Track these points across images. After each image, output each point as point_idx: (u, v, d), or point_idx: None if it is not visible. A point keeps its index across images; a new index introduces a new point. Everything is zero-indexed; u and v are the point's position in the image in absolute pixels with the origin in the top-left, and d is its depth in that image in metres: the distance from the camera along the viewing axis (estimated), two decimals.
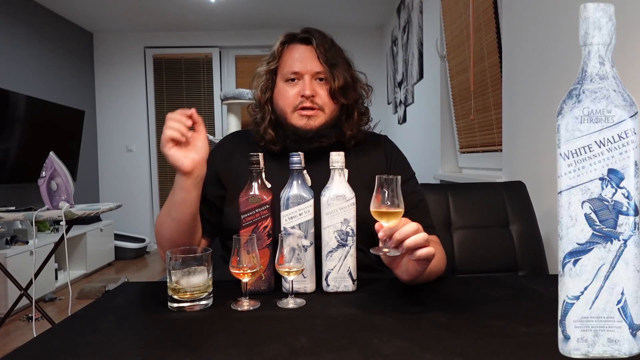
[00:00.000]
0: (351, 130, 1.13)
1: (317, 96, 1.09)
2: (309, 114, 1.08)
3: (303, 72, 1.09)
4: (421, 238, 0.81)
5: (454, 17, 2.76)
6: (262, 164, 0.95)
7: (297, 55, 1.10)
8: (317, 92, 1.09)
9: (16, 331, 2.96)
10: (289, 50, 1.12)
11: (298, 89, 1.09)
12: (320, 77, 1.10)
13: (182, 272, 0.85)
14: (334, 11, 4.78)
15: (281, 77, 1.12)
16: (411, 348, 0.65)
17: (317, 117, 1.09)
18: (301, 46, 1.11)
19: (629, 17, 1.17)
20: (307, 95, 1.07)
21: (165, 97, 5.57)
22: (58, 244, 2.73)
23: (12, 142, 3.76)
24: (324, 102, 1.09)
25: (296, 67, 1.09)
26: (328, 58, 1.09)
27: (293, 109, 1.09)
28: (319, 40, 1.10)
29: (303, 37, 1.12)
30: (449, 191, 1.46)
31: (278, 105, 1.12)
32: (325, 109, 1.10)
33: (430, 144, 3.27)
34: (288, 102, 1.09)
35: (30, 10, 4.33)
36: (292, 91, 1.09)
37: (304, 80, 1.08)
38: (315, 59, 1.09)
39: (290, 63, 1.10)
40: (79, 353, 0.67)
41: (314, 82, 1.09)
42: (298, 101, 1.09)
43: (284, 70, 1.11)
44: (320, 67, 1.09)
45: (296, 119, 1.09)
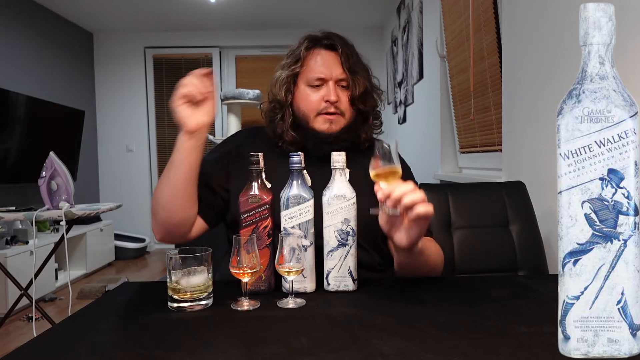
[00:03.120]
0: (366, 134, 1.16)
1: (339, 101, 1.11)
2: (331, 118, 1.10)
3: (328, 78, 1.10)
4: (418, 196, 0.84)
5: (454, 17, 2.76)
6: (262, 164, 0.95)
7: (322, 61, 1.11)
8: (340, 98, 1.11)
9: (16, 331, 2.96)
10: (313, 55, 1.13)
11: (322, 94, 1.10)
12: (342, 83, 1.12)
13: (182, 272, 0.85)
14: (334, 11, 4.78)
15: (304, 81, 1.12)
16: (411, 348, 0.65)
17: (339, 121, 1.11)
18: (325, 51, 1.13)
19: (629, 17, 1.17)
20: (332, 100, 1.09)
21: (165, 97, 5.56)
22: (58, 244, 2.73)
23: (12, 142, 3.76)
24: (345, 107, 1.12)
25: (321, 73, 1.10)
26: (351, 65, 1.11)
27: (317, 113, 1.11)
28: (342, 47, 1.12)
29: (327, 43, 1.13)
30: (449, 191, 1.46)
31: (300, 108, 1.13)
32: (346, 113, 1.12)
33: (430, 144, 3.27)
34: (312, 106, 1.11)
35: (30, 10, 4.33)
36: (315, 96, 1.11)
37: (329, 86, 1.10)
38: (339, 66, 1.11)
39: (315, 68, 1.11)
40: (79, 353, 0.67)
41: (337, 87, 1.11)
42: (322, 106, 1.10)
43: (309, 75, 1.12)
44: (343, 74, 1.11)
45: (319, 123, 1.11)
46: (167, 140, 5.56)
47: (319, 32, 1.16)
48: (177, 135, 1.03)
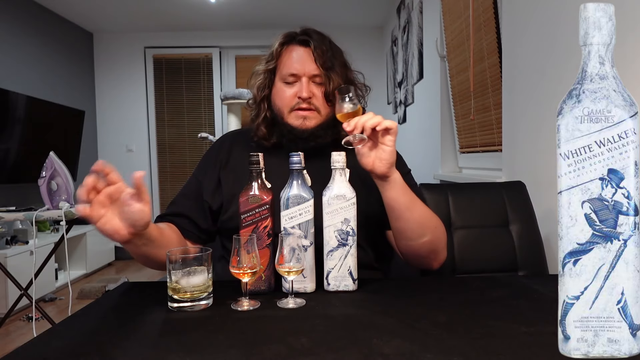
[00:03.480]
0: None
1: (313, 97, 1.11)
2: (304, 114, 1.11)
3: (300, 74, 1.10)
4: (378, 117, 0.96)
5: (454, 17, 2.76)
6: (262, 164, 0.95)
7: (295, 57, 1.12)
8: (314, 94, 1.11)
9: (16, 331, 2.97)
10: (287, 51, 1.13)
11: (295, 90, 1.11)
12: (317, 80, 1.11)
13: (182, 272, 0.85)
14: (334, 11, 4.78)
15: (279, 77, 1.13)
16: (411, 348, 0.65)
17: (313, 118, 1.11)
18: (300, 48, 1.12)
19: (629, 17, 1.17)
20: (303, 97, 1.09)
21: (165, 97, 5.56)
22: (58, 244, 2.73)
23: (12, 142, 3.76)
24: (320, 103, 1.12)
25: (294, 69, 1.11)
26: (325, 61, 1.11)
27: (290, 109, 1.11)
28: (317, 42, 1.11)
29: (302, 39, 1.13)
30: (449, 191, 1.46)
31: (275, 104, 1.14)
32: (321, 110, 1.12)
33: (430, 144, 3.27)
34: (285, 102, 1.12)
35: (30, 10, 4.33)
36: (289, 92, 1.11)
37: (301, 82, 1.10)
38: (313, 62, 1.11)
39: (289, 64, 1.12)
40: (79, 353, 0.67)
41: (311, 84, 1.11)
42: (295, 102, 1.11)
43: (282, 71, 1.12)
44: (316, 70, 1.10)
45: (292, 119, 1.11)
46: (167, 140, 5.56)
47: (297, 28, 1.16)
48: (177, 135, 1.03)
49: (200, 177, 1.18)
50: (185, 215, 1.14)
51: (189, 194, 1.17)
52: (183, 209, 1.15)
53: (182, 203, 1.16)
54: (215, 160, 1.19)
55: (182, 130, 5.53)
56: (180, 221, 1.13)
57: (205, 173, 1.18)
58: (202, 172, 1.19)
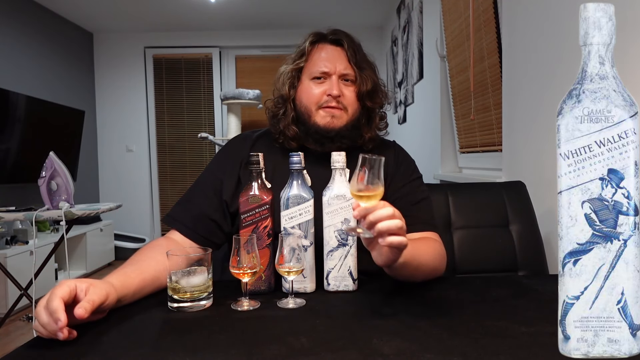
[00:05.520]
0: (370, 134, 1.15)
1: (342, 96, 1.09)
2: (333, 112, 1.09)
3: (331, 72, 1.09)
4: (394, 224, 0.78)
5: (454, 17, 2.75)
6: (262, 164, 0.95)
7: (326, 55, 1.11)
8: (343, 93, 1.09)
9: (16, 331, 2.96)
10: (317, 50, 1.12)
11: (325, 87, 1.09)
12: (346, 78, 1.11)
13: (182, 272, 0.85)
14: (334, 11, 4.78)
15: (307, 75, 1.12)
16: (411, 348, 0.65)
17: (341, 117, 1.09)
18: (330, 46, 1.12)
19: (629, 17, 1.17)
20: (334, 94, 1.08)
21: (165, 97, 5.56)
22: (58, 244, 2.72)
23: (12, 142, 3.76)
24: (349, 102, 1.10)
25: (325, 67, 1.09)
26: (358, 61, 1.10)
27: (318, 106, 1.09)
28: (349, 43, 1.11)
29: (333, 38, 1.12)
30: (449, 191, 1.46)
31: (302, 102, 1.11)
32: (349, 109, 1.10)
33: (430, 144, 3.27)
34: (313, 99, 1.10)
35: (30, 10, 4.33)
36: (318, 89, 1.10)
37: (331, 80, 1.09)
38: (345, 60, 1.10)
39: (319, 62, 1.10)
40: (79, 353, 0.67)
41: (341, 83, 1.10)
42: (324, 99, 1.09)
43: (312, 68, 1.11)
44: (349, 69, 1.10)
45: (320, 117, 1.09)
46: (167, 140, 5.56)
47: (325, 29, 1.15)
48: (177, 135, 1.01)
49: (220, 175, 1.11)
50: (209, 217, 1.06)
51: (207, 191, 1.09)
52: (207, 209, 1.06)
53: (201, 203, 1.07)
54: (236, 158, 1.12)
55: (182, 130, 5.53)
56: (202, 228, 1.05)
57: (224, 171, 1.11)
58: (220, 169, 1.12)
